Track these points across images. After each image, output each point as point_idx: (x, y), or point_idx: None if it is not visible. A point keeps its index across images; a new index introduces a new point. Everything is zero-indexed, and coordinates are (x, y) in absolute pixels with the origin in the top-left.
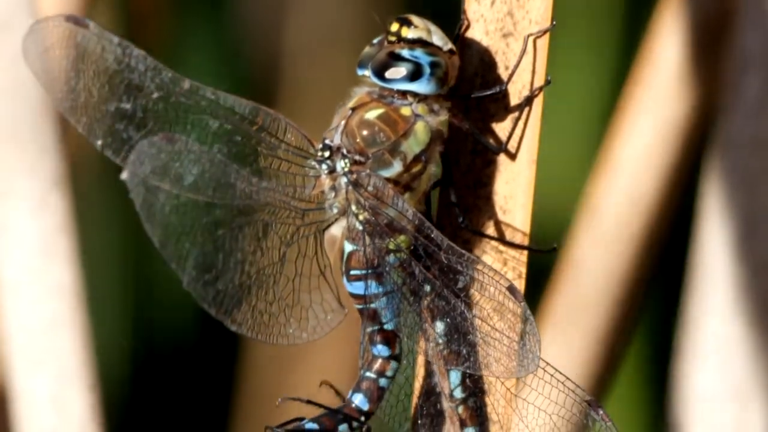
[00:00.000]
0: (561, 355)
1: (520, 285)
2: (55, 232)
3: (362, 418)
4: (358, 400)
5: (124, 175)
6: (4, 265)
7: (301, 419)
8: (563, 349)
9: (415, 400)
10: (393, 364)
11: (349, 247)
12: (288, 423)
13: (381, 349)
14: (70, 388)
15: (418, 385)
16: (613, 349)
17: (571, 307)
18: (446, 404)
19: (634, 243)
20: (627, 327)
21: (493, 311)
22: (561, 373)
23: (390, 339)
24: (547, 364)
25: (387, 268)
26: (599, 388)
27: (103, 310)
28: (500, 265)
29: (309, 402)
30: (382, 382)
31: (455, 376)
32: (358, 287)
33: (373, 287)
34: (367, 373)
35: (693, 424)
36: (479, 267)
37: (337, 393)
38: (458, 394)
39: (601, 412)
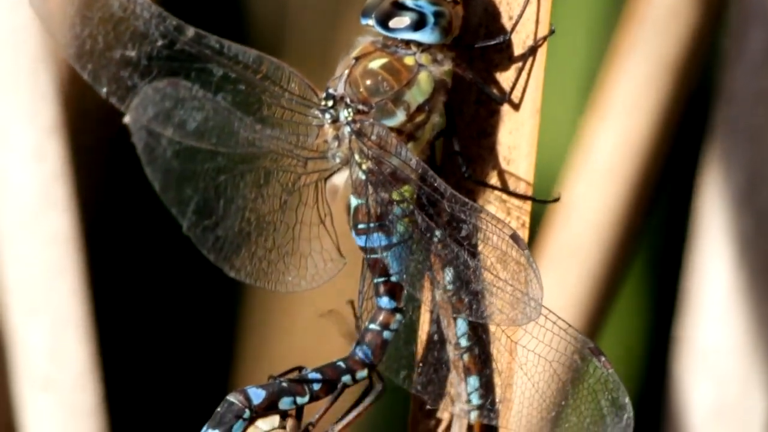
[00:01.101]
0: (554, 296)
1: (524, 234)
2: (52, 180)
3: (365, 370)
4: (362, 353)
5: (126, 119)
6: (2, 213)
7: (302, 368)
8: (557, 290)
9: (419, 349)
10: (398, 316)
11: (355, 202)
12: (290, 371)
13: (386, 302)
14: (68, 337)
15: (422, 334)
16: (607, 290)
17: (565, 248)
18: (451, 353)
19: (627, 184)
20: (620, 268)
21: (497, 260)
22: (563, 320)
23: (396, 291)
24: (550, 311)
25: (392, 219)
26: (592, 328)
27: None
28: (504, 215)
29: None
30: (386, 334)
31: (461, 325)
32: (365, 240)
33: (380, 239)
34: (372, 326)
35: (697, 375)
36: (483, 216)
37: (356, 316)
38: (463, 342)
39: (603, 359)
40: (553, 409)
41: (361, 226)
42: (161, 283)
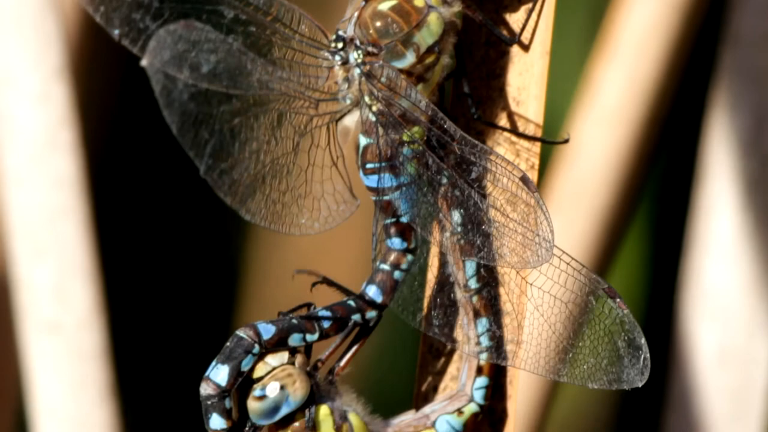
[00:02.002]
0: (562, 236)
1: (533, 176)
2: (58, 124)
3: (375, 309)
4: (372, 292)
5: (143, 63)
6: (7, 156)
7: (310, 305)
8: (564, 230)
9: (429, 291)
10: (408, 257)
11: (364, 141)
12: (299, 308)
13: (396, 242)
14: (73, 279)
15: (432, 276)
16: (614, 230)
17: (572, 189)
18: (460, 295)
19: (634, 125)
20: (628, 208)
21: (507, 202)
22: (577, 261)
23: (406, 232)
24: (563, 252)
25: (402, 161)
26: (599, 268)
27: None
28: (513, 156)
29: (324, 281)
30: (397, 274)
31: (470, 267)
32: (374, 180)
33: (389, 180)
34: (382, 266)
35: (702, 316)
36: (492, 158)
37: (341, 289)
38: (473, 284)
39: (618, 300)
40: (570, 350)
41: (369, 165)
42: (166, 225)
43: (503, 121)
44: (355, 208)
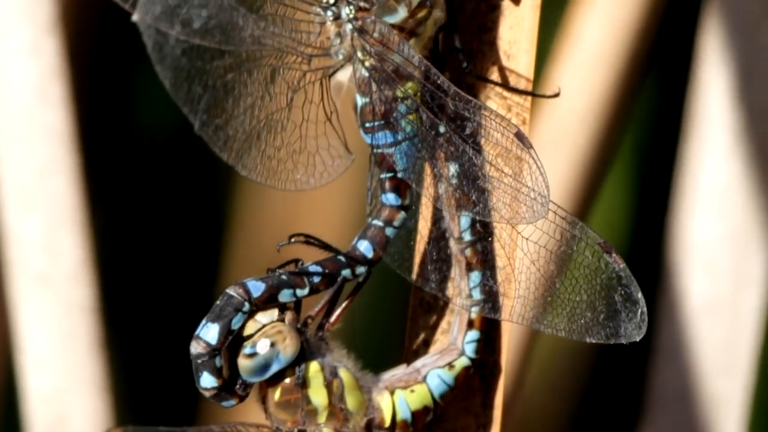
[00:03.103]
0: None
1: (525, 130)
2: (48, 77)
3: (366, 265)
4: (363, 247)
5: (134, 18)
6: None
7: (299, 260)
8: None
9: (421, 247)
10: (402, 214)
11: (360, 101)
12: (288, 264)
13: (391, 198)
14: (62, 232)
15: (426, 230)
16: (593, 175)
17: (553, 133)
18: (454, 248)
19: (614, 69)
20: (607, 153)
21: (502, 157)
22: (572, 215)
23: (401, 188)
24: (558, 207)
25: (397, 117)
26: (579, 213)
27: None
28: (504, 111)
29: (309, 242)
30: (389, 231)
31: (465, 221)
32: (373, 138)
33: (387, 137)
34: (375, 221)
35: (691, 266)
36: (486, 113)
37: (325, 247)
38: (467, 237)
39: (614, 255)
40: (567, 304)
41: (368, 124)
42: (155, 179)
43: (494, 75)
44: (350, 163)
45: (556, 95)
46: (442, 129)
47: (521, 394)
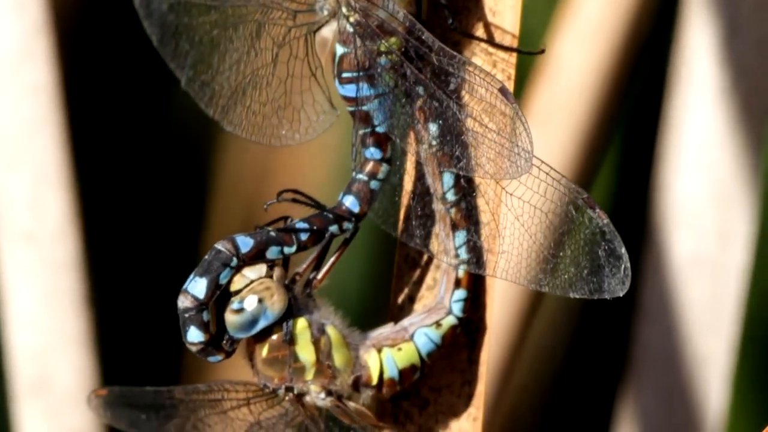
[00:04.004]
0: (540, 152)
1: (510, 86)
2: (33, 32)
3: (352, 220)
4: (349, 202)
5: None
6: None
7: (288, 218)
8: (543, 146)
9: (406, 202)
10: (385, 166)
11: (340, 50)
12: (276, 221)
13: (373, 152)
14: (48, 190)
15: (410, 187)
16: (593, 146)
17: (551, 104)
18: (438, 207)
19: (613, 39)
20: (607, 124)
21: (485, 113)
22: (556, 171)
23: (382, 141)
24: (542, 162)
25: (379, 70)
26: (579, 184)
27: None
28: (490, 67)
29: (297, 199)
30: (374, 184)
31: (448, 178)
32: (350, 90)
33: (365, 89)
34: (359, 176)
35: (675, 224)
36: (470, 69)
37: (312, 202)
38: (450, 197)
39: (597, 210)
40: (550, 260)
41: (346, 74)
42: (140, 134)
43: (479, 31)
44: (335, 119)
45: (542, 52)
46: (425, 85)
47: (507, 355)
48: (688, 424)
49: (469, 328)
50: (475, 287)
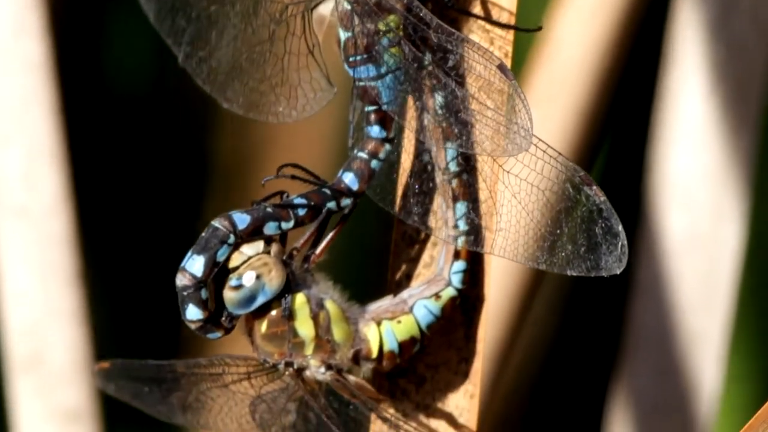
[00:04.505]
0: (540, 131)
1: (507, 63)
2: (26, 7)
3: (351, 197)
4: (349, 179)
5: None
6: None
7: (284, 192)
8: (541, 124)
9: (404, 180)
10: (387, 146)
11: (343, 35)
12: (272, 196)
13: (376, 130)
14: (41, 165)
15: (408, 163)
16: (592, 124)
17: (549, 82)
18: (439, 179)
19: (611, 16)
20: (605, 101)
21: (484, 90)
22: (553, 149)
23: (386, 120)
24: (540, 140)
25: (380, 50)
26: (580, 164)
27: (75, 85)
28: (487, 44)
29: (295, 176)
30: (374, 163)
31: (450, 151)
32: (356, 72)
33: (370, 70)
34: (360, 153)
35: (670, 202)
36: (469, 46)
37: (311, 179)
38: (452, 167)
39: (594, 188)
40: (548, 237)
41: (351, 58)
42: (135, 110)
43: (476, 8)
44: (332, 96)
45: (539, 29)
46: (424, 62)
47: (506, 334)
48: (682, 401)
49: (466, 305)
50: (473, 260)
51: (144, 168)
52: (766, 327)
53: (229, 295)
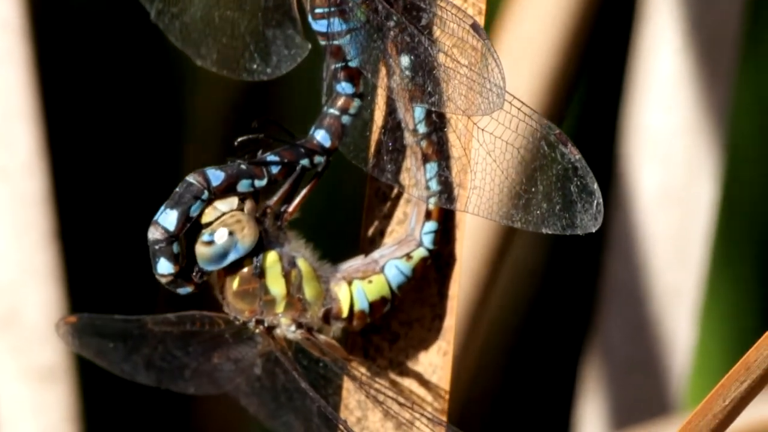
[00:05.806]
0: (512, 87)
1: (481, 20)
2: None
3: (324, 154)
4: (320, 136)
5: None
6: None
7: (258, 150)
8: (514, 81)
9: (377, 137)
10: (356, 101)
11: None
12: (247, 152)
13: (345, 87)
14: (16, 123)
15: (380, 122)
16: (564, 81)
17: (522, 39)
18: (409, 139)
19: None
20: (577, 58)
21: (457, 48)
22: (528, 106)
23: (354, 76)
24: (514, 97)
25: (351, 5)
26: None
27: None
28: (460, 2)
29: (266, 136)
30: (345, 119)
31: (419, 111)
32: (322, 25)
33: (337, 24)
34: (330, 110)
35: (643, 158)
36: (442, 3)
37: (283, 132)
38: (422, 128)
39: (569, 145)
40: (523, 195)
41: (318, 10)
42: (111, 68)
43: None
44: (306, 53)
45: None
46: (396, 19)
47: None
48: (656, 357)
49: (439, 262)
50: (445, 220)
51: (120, 125)
52: (739, 282)
53: (201, 250)
